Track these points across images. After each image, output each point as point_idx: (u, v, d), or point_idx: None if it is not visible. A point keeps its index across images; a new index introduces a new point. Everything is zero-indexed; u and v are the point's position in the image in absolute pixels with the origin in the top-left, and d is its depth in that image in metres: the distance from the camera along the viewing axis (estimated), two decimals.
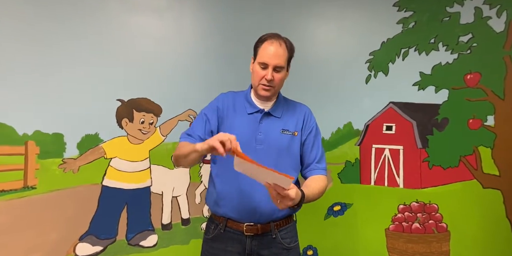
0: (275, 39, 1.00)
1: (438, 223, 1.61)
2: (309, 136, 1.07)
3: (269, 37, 1.01)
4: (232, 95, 1.10)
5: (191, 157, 0.91)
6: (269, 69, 0.98)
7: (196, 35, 1.50)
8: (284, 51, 1.00)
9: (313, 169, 1.07)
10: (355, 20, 1.62)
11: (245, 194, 0.99)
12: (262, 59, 0.99)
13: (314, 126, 1.09)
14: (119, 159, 1.38)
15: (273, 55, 0.98)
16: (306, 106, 1.14)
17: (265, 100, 1.06)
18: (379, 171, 1.63)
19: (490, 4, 1.56)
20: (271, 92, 1.02)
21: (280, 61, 0.99)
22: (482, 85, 1.58)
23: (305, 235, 1.55)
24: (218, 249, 1.02)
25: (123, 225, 1.37)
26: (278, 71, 1.00)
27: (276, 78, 1.00)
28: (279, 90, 1.08)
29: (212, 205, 1.07)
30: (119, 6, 1.38)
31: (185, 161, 0.95)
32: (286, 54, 1.01)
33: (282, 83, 1.05)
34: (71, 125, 1.30)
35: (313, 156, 1.07)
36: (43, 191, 1.26)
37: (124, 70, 1.39)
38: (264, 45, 1.00)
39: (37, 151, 1.25)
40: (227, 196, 1.01)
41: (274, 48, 0.98)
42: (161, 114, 1.44)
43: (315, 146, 1.08)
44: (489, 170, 1.58)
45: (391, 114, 1.62)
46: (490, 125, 1.58)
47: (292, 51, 1.05)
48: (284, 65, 1.01)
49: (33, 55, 1.26)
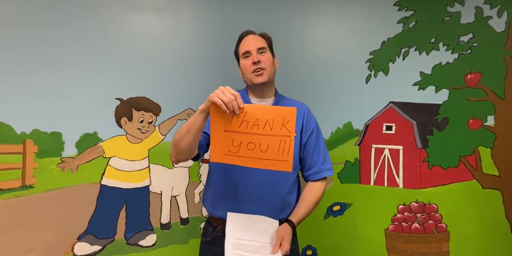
0: (247, 33, 1.05)
1: (438, 223, 1.60)
2: (311, 138, 1.05)
3: (243, 35, 1.06)
4: None
5: (194, 128, 0.84)
6: (253, 53, 1.00)
7: (195, 34, 1.49)
8: (259, 37, 1.04)
9: (317, 173, 1.05)
10: (355, 20, 1.61)
11: (242, 197, 0.98)
12: (243, 49, 1.02)
13: (314, 126, 1.08)
14: (118, 158, 1.37)
15: (251, 42, 1.02)
16: (305, 105, 1.12)
17: (262, 96, 1.05)
18: (378, 171, 1.62)
19: (491, 4, 1.55)
20: (266, 76, 1.00)
21: (259, 44, 1.01)
22: (482, 85, 1.57)
23: (304, 235, 1.54)
24: (216, 253, 1.00)
25: (122, 224, 1.37)
26: (262, 53, 1.01)
27: (264, 59, 1.00)
28: (273, 75, 1.06)
29: (209, 207, 1.06)
30: (118, 5, 1.38)
31: (187, 138, 0.86)
32: (263, 39, 1.04)
33: (272, 66, 1.04)
34: (70, 124, 1.30)
35: (317, 158, 1.05)
36: (41, 190, 1.26)
37: (123, 69, 1.38)
38: (241, 42, 1.05)
39: (35, 150, 1.25)
40: (224, 199, 1.00)
41: (249, 38, 1.03)
42: (160, 113, 1.43)
43: (318, 147, 1.06)
44: (489, 170, 1.58)
45: (391, 114, 1.62)
46: (490, 125, 1.57)
47: (270, 40, 1.07)
48: (265, 46, 1.03)
49: (32, 54, 1.26)
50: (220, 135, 0.82)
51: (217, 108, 0.78)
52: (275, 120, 0.79)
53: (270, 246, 0.90)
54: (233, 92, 0.79)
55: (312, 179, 1.05)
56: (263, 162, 0.82)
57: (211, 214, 1.06)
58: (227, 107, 0.78)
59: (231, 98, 0.77)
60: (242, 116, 0.79)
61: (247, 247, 0.89)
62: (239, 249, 0.88)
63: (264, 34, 1.06)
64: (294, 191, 1.06)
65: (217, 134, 0.82)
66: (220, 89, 0.80)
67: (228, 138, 0.82)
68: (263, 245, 0.90)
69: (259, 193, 0.98)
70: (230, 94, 0.78)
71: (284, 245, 0.89)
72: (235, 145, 0.82)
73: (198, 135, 0.87)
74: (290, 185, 1.03)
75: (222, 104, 0.77)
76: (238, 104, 0.79)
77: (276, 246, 0.89)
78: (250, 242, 0.90)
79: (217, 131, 0.82)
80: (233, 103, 0.78)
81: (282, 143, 0.80)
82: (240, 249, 0.88)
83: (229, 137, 0.81)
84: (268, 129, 0.79)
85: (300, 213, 0.99)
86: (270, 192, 0.99)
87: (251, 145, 0.81)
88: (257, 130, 0.80)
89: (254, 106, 0.82)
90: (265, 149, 0.81)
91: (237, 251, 0.87)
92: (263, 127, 0.79)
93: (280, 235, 0.91)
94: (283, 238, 0.90)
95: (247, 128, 0.80)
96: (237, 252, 0.86)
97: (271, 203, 0.99)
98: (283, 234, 0.91)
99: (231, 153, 0.83)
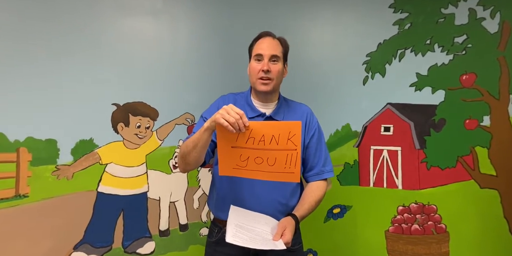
0: (268, 34, 1.03)
1: (437, 224, 1.60)
2: (313, 139, 1.06)
3: (262, 34, 1.04)
4: (232, 97, 1.09)
5: (200, 144, 0.86)
6: (264, 59, 0.99)
7: (192, 38, 1.48)
8: (277, 43, 1.02)
9: (317, 174, 1.05)
10: (351, 22, 1.62)
11: (246, 198, 0.98)
12: (257, 51, 1.00)
13: (316, 127, 1.08)
14: (115, 165, 1.34)
15: (267, 46, 1.00)
16: (307, 107, 1.12)
17: (265, 101, 1.05)
18: (378, 173, 1.62)
19: (484, 5, 1.57)
20: (271, 86, 1.00)
21: (274, 51, 0.99)
22: (477, 85, 1.59)
23: (305, 239, 1.52)
24: (222, 253, 1.00)
25: (119, 232, 1.34)
26: (274, 62, 1.00)
27: (273, 69, 0.99)
28: (279, 85, 1.05)
29: (214, 209, 1.06)
30: (114, 9, 1.36)
31: (194, 153, 0.88)
32: (281, 47, 1.02)
33: (281, 77, 1.03)
34: (65, 130, 1.27)
35: (318, 159, 1.06)
36: (36, 199, 1.22)
37: (119, 73, 1.36)
38: (258, 41, 1.03)
39: (30, 158, 1.22)
40: (229, 200, 1.00)
41: (267, 40, 1.01)
42: (157, 118, 1.41)
43: (319, 148, 1.06)
44: (486, 170, 1.58)
45: (389, 115, 1.62)
46: (486, 125, 1.58)
47: (287, 47, 1.06)
48: (280, 55, 1.01)
49: (25, 59, 1.23)
50: (227, 151, 0.84)
51: (223, 128, 0.79)
52: (281, 135, 0.80)
53: (271, 235, 0.87)
54: (237, 110, 0.79)
55: (313, 180, 1.06)
56: (271, 175, 0.84)
57: (216, 216, 1.06)
58: (233, 128, 0.78)
59: (236, 118, 0.78)
60: (248, 133, 0.80)
61: (248, 232, 0.86)
62: (240, 233, 0.85)
63: (283, 40, 1.05)
64: (297, 194, 1.05)
65: (224, 150, 0.84)
66: (224, 109, 0.80)
67: (236, 153, 0.83)
68: (264, 232, 0.88)
69: (262, 195, 0.98)
70: (235, 113, 0.78)
71: (287, 235, 0.86)
72: (242, 159, 0.83)
73: (204, 149, 0.89)
74: (293, 187, 1.02)
75: (228, 125, 0.78)
76: (244, 122, 0.79)
77: (277, 234, 0.86)
78: (251, 227, 0.88)
79: (224, 148, 0.84)
80: (238, 123, 0.78)
81: (289, 157, 0.81)
82: (241, 233, 0.85)
83: (237, 152, 0.83)
84: (275, 144, 0.80)
85: (303, 209, 0.98)
86: (273, 194, 0.99)
87: (259, 160, 0.83)
88: (263, 146, 0.81)
89: (259, 123, 0.83)
90: (272, 163, 0.83)
91: (239, 234, 0.84)
92: (269, 142, 0.80)
93: (282, 225, 0.89)
94: (286, 229, 0.88)
95: (254, 144, 0.81)
96: (239, 235, 0.84)
97: (274, 206, 0.98)
98: (286, 225, 0.90)
99: (239, 167, 0.84)
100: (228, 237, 0.82)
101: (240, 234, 0.84)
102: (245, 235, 0.84)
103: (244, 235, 0.84)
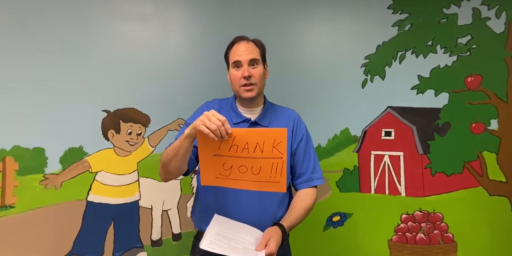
0: (241, 39, 1.00)
1: (444, 233, 1.54)
2: (300, 145, 1.01)
3: (235, 40, 1.01)
4: (217, 103, 1.05)
5: (181, 152, 0.81)
6: (244, 65, 0.96)
7: (183, 43, 1.46)
8: (253, 46, 0.99)
9: (306, 181, 1.01)
10: (349, 24, 1.58)
11: (231, 208, 0.94)
12: (234, 58, 0.97)
13: (304, 133, 1.03)
14: (105, 173, 1.31)
15: (243, 50, 0.97)
16: (295, 112, 1.08)
17: (250, 106, 1.01)
18: (379, 179, 1.57)
19: (489, 4, 1.52)
20: (255, 92, 0.96)
21: (252, 55, 0.96)
22: (483, 87, 1.53)
23: (303, 248, 1.48)
24: None
25: (110, 242, 1.30)
26: (254, 65, 0.97)
27: (255, 73, 0.96)
28: (263, 88, 1.02)
29: (197, 220, 1.01)
30: (104, 14, 1.34)
31: (175, 161, 0.84)
32: (257, 49, 1.00)
33: (263, 80, 1.00)
34: (53, 138, 1.25)
35: (306, 166, 1.01)
36: (23, 210, 1.19)
37: (110, 79, 1.34)
38: (233, 48, 1.00)
39: (16, 167, 1.19)
40: (213, 211, 0.95)
41: (242, 45, 0.98)
42: (149, 124, 1.39)
43: (307, 154, 1.02)
44: (495, 176, 1.52)
45: (390, 119, 1.57)
46: (494, 129, 1.53)
47: (263, 48, 1.03)
48: (258, 58, 0.98)
49: (12, 64, 1.22)
50: (209, 160, 0.80)
51: (204, 135, 0.75)
52: (266, 142, 0.76)
53: (254, 246, 0.81)
54: (219, 117, 0.75)
55: (302, 188, 1.01)
56: (256, 184, 0.80)
57: (199, 229, 1.01)
58: (215, 135, 0.74)
59: (218, 125, 0.74)
60: (231, 140, 0.76)
61: (228, 240, 0.80)
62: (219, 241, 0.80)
63: (258, 41, 1.02)
64: (285, 204, 1.00)
65: (206, 158, 0.80)
66: (205, 115, 0.75)
67: (218, 161, 0.79)
68: (246, 242, 0.82)
69: (248, 205, 0.93)
70: (217, 120, 0.74)
71: (271, 245, 0.80)
72: (226, 168, 0.79)
73: (185, 158, 0.84)
74: (281, 197, 0.98)
75: (209, 132, 0.74)
76: (226, 129, 0.75)
77: (261, 244, 0.80)
78: (233, 236, 0.82)
79: (206, 156, 0.79)
80: (220, 130, 0.74)
81: (275, 165, 0.77)
82: (220, 241, 0.79)
83: (219, 161, 0.79)
84: (259, 152, 0.76)
85: (291, 219, 0.92)
86: (260, 204, 0.94)
87: (243, 168, 0.78)
88: (247, 154, 0.77)
89: (243, 130, 0.79)
90: (257, 171, 0.78)
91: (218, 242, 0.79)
92: (253, 150, 0.76)
93: (267, 235, 0.84)
94: (271, 239, 0.82)
95: (237, 152, 0.77)
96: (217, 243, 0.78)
97: (261, 217, 0.93)
98: (271, 235, 0.84)
99: (222, 176, 0.80)
100: (204, 243, 0.77)
101: (219, 242, 0.79)
102: (224, 243, 0.79)
103: (223, 243, 0.79)
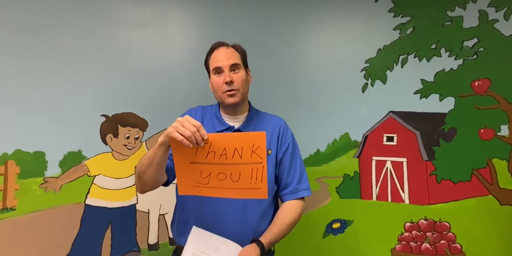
0: (220, 44, 0.98)
1: (451, 244, 1.46)
2: (286, 154, 0.97)
3: (214, 46, 0.98)
4: (201, 110, 1.03)
5: (155, 162, 0.78)
6: (225, 71, 0.93)
7: (181, 48, 1.47)
8: (233, 51, 0.97)
9: (291, 193, 0.96)
10: (349, 27, 1.56)
11: (211, 220, 0.90)
12: (214, 65, 0.95)
13: (290, 141, 0.99)
14: (103, 176, 1.34)
15: (223, 56, 0.94)
16: (281, 119, 1.04)
17: (234, 114, 0.99)
18: (381, 185, 1.52)
19: (496, 6, 1.46)
20: (238, 97, 0.93)
21: (233, 60, 0.94)
22: (492, 92, 1.46)
23: (301, 254, 1.44)
24: None
25: (107, 246, 1.32)
26: (235, 70, 0.94)
27: (236, 78, 0.93)
28: (246, 94, 0.99)
29: (175, 234, 0.98)
30: (102, 20, 1.37)
31: (150, 171, 0.80)
32: (237, 53, 0.97)
33: (246, 85, 0.97)
34: (53, 142, 1.28)
35: (292, 176, 0.97)
36: (23, 212, 1.23)
37: (108, 85, 1.37)
38: (213, 54, 0.97)
39: (17, 171, 1.23)
40: (191, 223, 0.91)
41: (222, 51, 0.96)
42: (147, 129, 1.40)
43: (294, 164, 0.98)
44: (507, 185, 1.44)
45: (392, 124, 1.52)
46: (504, 135, 1.45)
47: (244, 53, 1.00)
48: (239, 62, 0.96)
49: (12, 70, 1.25)
50: (186, 168, 0.76)
51: (178, 142, 0.72)
52: (244, 147, 0.73)
53: None
54: (194, 122, 0.71)
55: (287, 199, 0.97)
56: (236, 192, 0.76)
57: (177, 243, 0.98)
58: (190, 141, 0.71)
59: (192, 131, 0.70)
60: (208, 147, 0.73)
61: None
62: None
63: (237, 46, 1.00)
64: (270, 215, 0.97)
65: (182, 167, 0.76)
66: (178, 121, 0.71)
67: (196, 169, 0.76)
68: None
69: (229, 216, 0.90)
70: (191, 125, 0.70)
71: None
72: (204, 176, 0.76)
73: (161, 167, 0.81)
74: (266, 207, 0.94)
75: (183, 139, 0.70)
76: (202, 135, 0.71)
77: None
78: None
79: (182, 164, 0.76)
80: (195, 136, 0.70)
81: (255, 171, 0.74)
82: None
83: (197, 168, 0.75)
84: (238, 158, 0.73)
85: (272, 234, 0.89)
86: (243, 214, 0.90)
87: (222, 176, 0.75)
88: (225, 160, 0.73)
89: (219, 135, 0.75)
90: (236, 178, 0.75)
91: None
92: (232, 156, 0.73)
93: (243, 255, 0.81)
94: None
95: (215, 158, 0.74)
96: None
97: (243, 228, 0.90)
98: (247, 255, 0.81)
99: (201, 185, 0.77)
100: None
101: None
102: None
103: None
